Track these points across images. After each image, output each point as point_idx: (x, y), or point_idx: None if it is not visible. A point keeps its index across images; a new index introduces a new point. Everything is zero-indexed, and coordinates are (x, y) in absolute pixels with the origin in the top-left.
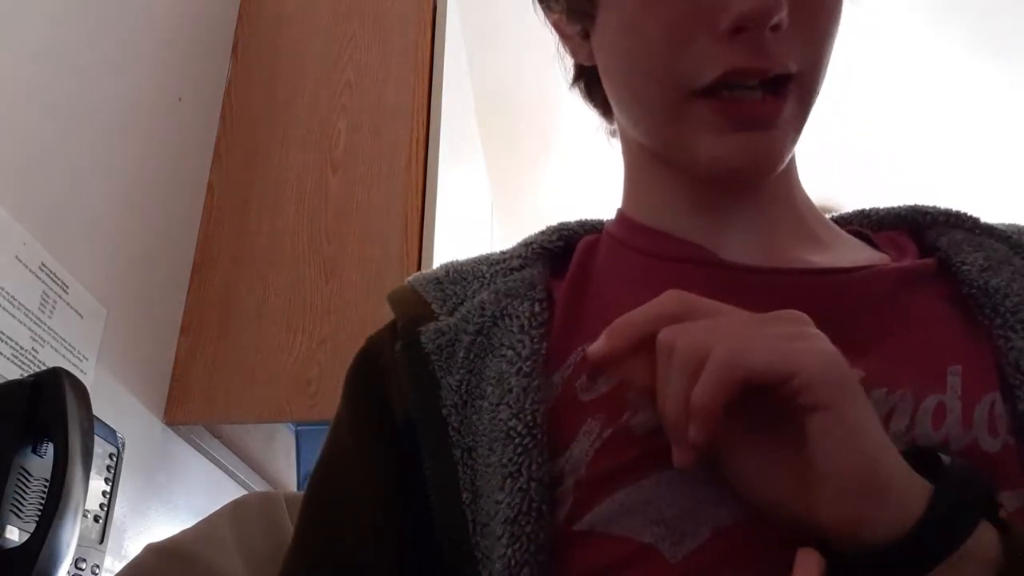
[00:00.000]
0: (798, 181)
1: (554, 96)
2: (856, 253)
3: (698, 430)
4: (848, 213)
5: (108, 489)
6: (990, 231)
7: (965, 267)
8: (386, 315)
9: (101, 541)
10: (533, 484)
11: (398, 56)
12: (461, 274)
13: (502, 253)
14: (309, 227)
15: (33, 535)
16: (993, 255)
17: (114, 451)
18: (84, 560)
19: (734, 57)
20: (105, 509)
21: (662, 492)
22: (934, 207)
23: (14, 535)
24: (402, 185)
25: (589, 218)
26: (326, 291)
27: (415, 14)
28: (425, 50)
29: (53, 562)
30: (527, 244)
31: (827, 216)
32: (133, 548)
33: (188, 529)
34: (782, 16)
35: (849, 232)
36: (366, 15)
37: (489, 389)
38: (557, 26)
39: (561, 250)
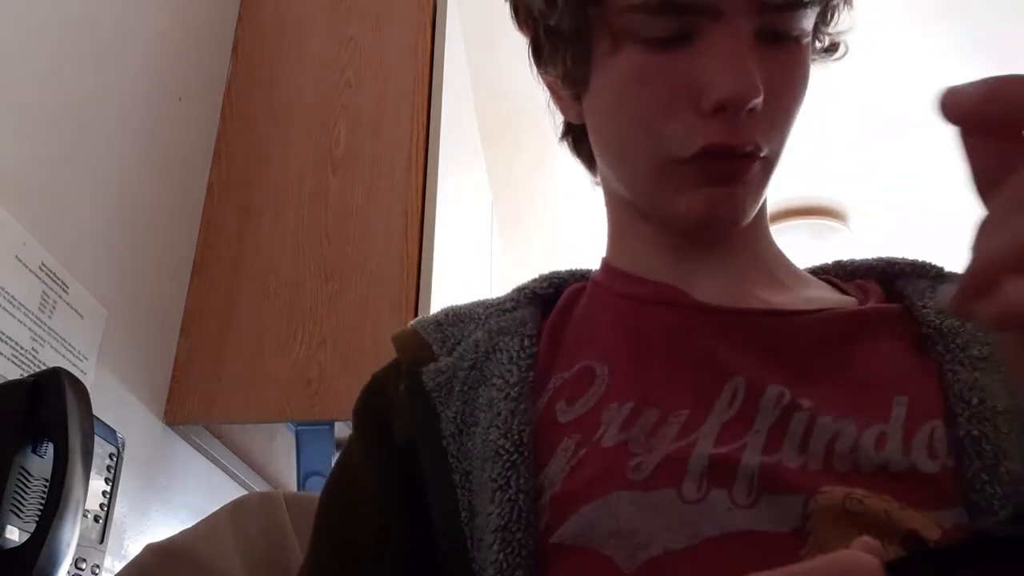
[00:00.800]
0: (767, 233)
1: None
2: (819, 295)
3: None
4: (826, 264)
5: (108, 489)
6: (952, 279)
7: (925, 311)
8: (385, 314)
9: (101, 541)
10: (521, 496)
11: (398, 56)
12: (459, 317)
13: (497, 298)
14: (309, 227)
15: (33, 535)
16: None
17: (114, 451)
18: (84, 560)
19: (713, 134)
20: (105, 509)
21: (620, 511)
22: (903, 259)
23: (14, 535)
24: (402, 185)
25: (579, 268)
26: (326, 291)
27: (415, 14)
28: (425, 50)
29: (53, 562)
30: (520, 290)
31: (807, 267)
32: (133, 548)
33: (188, 529)
34: (758, 102)
35: (821, 279)
36: (366, 15)
37: (481, 415)
38: (551, 87)
39: (551, 296)
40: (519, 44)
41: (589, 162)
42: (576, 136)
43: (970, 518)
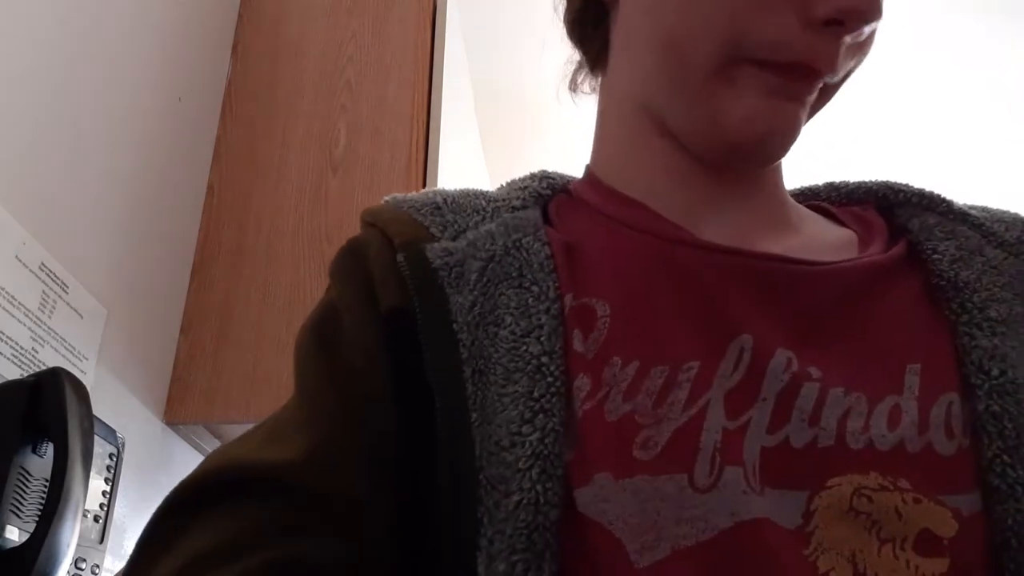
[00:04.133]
0: (782, 173)
1: (554, 96)
2: (827, 235)
3: None
4: (818, 185)
5: (108, 489)
6: (963, 217)
7: (936, 256)
8: None
9: (101, 541)
10: (561, 429)
11: (398, 56)
12: (459, 204)
13: (497, 192)
14: (309, 227)
15: (33, 535)
16: (965, 244)
17: (114, 451)
18: (84, 560)
19: (812, 50)
20: (105, 509)
21: (626, 500)
22: (907, 186)
23: (14, 535)
24: (402, 185)
25: (568, 175)
26: None
27: (415, 14)
28: (425, 50)
29: (53, 562)
30: (522, 188)
31: (794, 189)
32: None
33: None
34: (875, 26)
35: (813, 207)
36: (366, 15)
37: (509, 318)
38: None
39: (549, 198)
40: (519, 44)
41: (595, 54)
42: (588, 20)
43: (986, 503)
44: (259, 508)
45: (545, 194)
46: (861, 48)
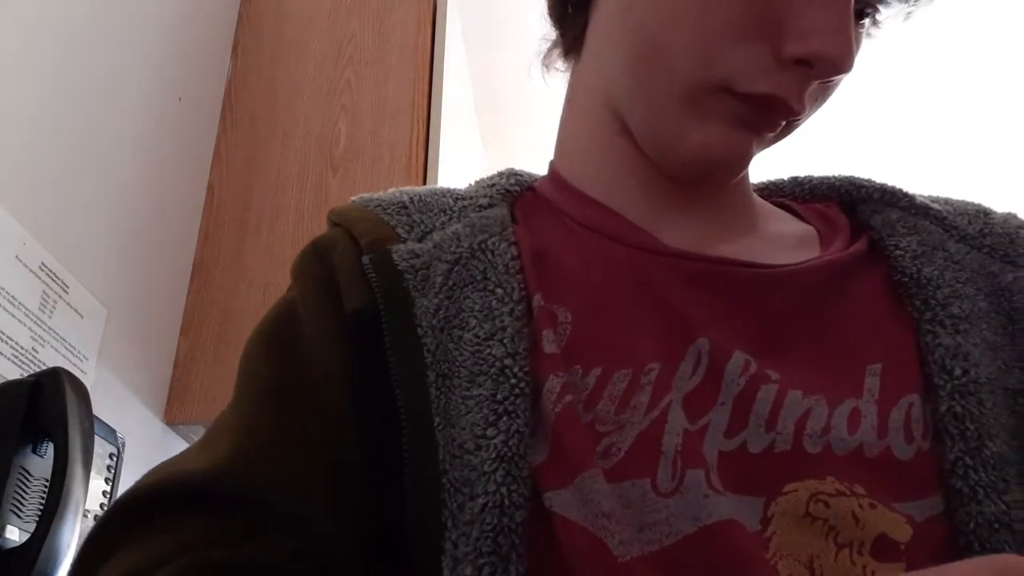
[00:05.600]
0: (748, 177)
1: (554, 96)
2: (790, 234)
3: None
4: (783, 180)
5: (108, 489)
6: (925, 211)
7: (898, 252)
8: None
9: None
10: (526, 430)
11: (398, 56)
12: (426, 204)
13: (465, 190)
14: (309, 227)
15: (33, 535)
16: (927, 239)
17: (114, 451)
18: None
19: (783, 86)
20: (105, 509)
21: (606, 494)
22: (869, 181)
23: (14, 535)
24: (402, 185)
25: (536, 174)
26: None
27: (415, 14)
28: (425, 50)
29: (53, 562)
30: (490, 185)
31: (761, 183)
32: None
33: None
34: (843, 77)
35: (777, 204)
36: (366, 15)
37: (474, 321)
38: None
39: (518, 194)
40: (519, 44)
41: (572, 38)
42: (572, 3)
43: (948, 506)
44: (190, 518)
45: (513, 191)
46: (826, 91)
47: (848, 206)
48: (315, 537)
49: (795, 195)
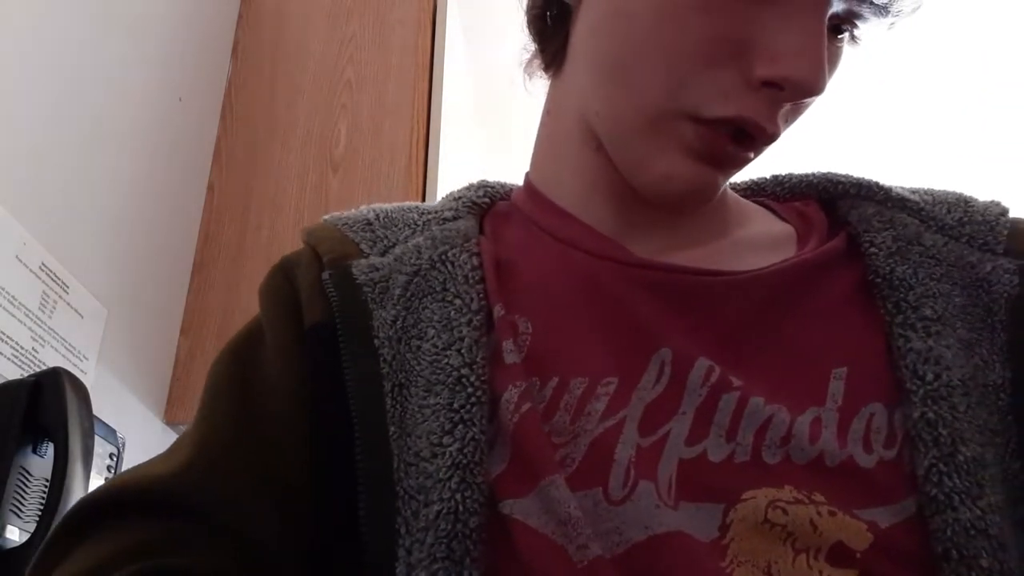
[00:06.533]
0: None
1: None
2: (765, 235)
3: None
4: (764, 179)
5: None
6: (902, 203)
7: (873, 250)
8: None
9: None
10: (482, 437)
11: (398, 56)
12: (391, 219)
13: (432, 205)
14: None
15: (33, 535)
16: (903, 233)
17: (114, 451)
18: None
19: (751, 108)
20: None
21: (566, 500)
22: (846, 176)
23: (14, 535)
24: (402, 185)
25: (510, 183)
26: None
27: (415, 14)
28: (425, 50)
29: None
30: (457, 199)
31: (744, 182)
32: None
33: None
34: (814, 99)
35: (757, 203)
36: (366, 15)
37: (432, 332)
38: None
39: (487, 206)
40: (519, 44)
41: (553, 53)
42: (551, 17)
43: (923, 512)
44: (139, 524)
45: (482, 203)
46: (798, 110)
47: (827, 203)
48: (257, 546)
49: (775, 194)
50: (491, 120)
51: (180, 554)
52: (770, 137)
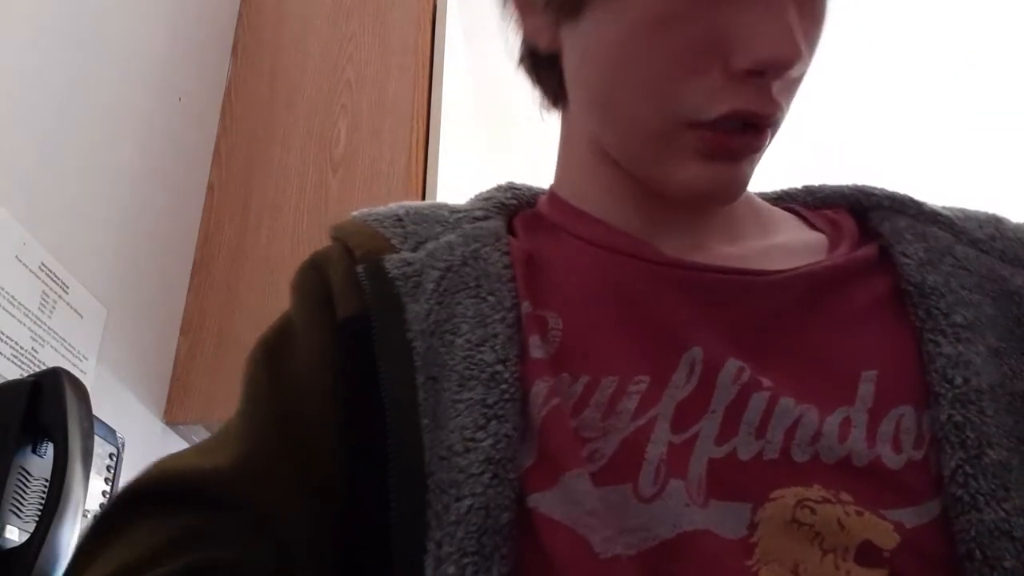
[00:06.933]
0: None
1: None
2: (788, 239)
3: None
4: (796, 189)
5: (108, 489)
6: (934, 217)
7: (905, 259)
8: None
9: None
10: (515, 434)
11: (398, 56)
12: (422, 216)
13: (459, 204)
14: (309, 227)
15: (33, 535)
16: (935, 245)
17: (114, 451)
18: None
19: (742, 99)
20: (107, 501)
21: (590, 493)
22: (880, 189)
23: (14, 535)
24: (402, 185)
25: (536, 187)
26: None
27: (415, 14)
28: (425, 50)
29: (53, 562)
30: (487, 199)
31: (775, 192)
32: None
33: None
34: (799, 67)
35: (788, 211)
36: (366, 14)
37: (466, 327)
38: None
39: (515, 208)
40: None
41: (553, 91)
42: (540, 62)
43: (948, 513)
44: (185, 516)
45: (510, 204)
46: (792, 83)
47: (859, 213)
48: (294, 548)
49: (807, 203)
50: (491, 120)
51: (227, 548)
52: (774, 117)
